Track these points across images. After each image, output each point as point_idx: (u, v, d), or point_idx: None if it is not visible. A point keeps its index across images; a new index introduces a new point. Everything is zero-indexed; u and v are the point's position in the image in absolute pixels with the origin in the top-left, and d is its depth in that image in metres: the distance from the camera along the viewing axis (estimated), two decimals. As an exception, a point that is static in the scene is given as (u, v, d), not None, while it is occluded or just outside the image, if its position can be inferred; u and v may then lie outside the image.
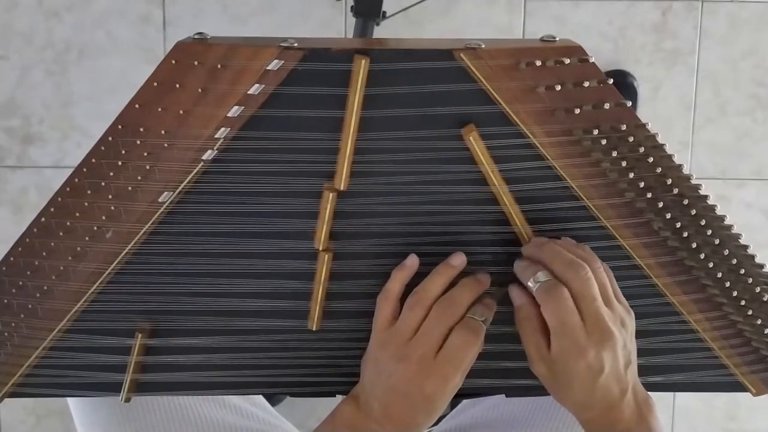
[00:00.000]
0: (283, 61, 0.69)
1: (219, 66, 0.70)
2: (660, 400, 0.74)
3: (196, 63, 0.70)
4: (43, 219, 0.75)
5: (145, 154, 0.72)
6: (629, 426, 0.71)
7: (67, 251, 0.75)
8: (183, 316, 0.77)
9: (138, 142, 0.72)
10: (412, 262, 0.74)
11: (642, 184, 0.73)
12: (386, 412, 0.72)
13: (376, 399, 0.73)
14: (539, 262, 0.72)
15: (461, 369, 0.71)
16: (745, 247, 0.76)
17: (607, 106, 0.71)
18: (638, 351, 0.78)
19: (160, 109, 0.71)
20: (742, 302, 0.77)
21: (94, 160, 0.73)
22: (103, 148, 0.73)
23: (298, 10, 1.56)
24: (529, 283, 0.71)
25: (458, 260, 0.74)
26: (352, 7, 1.33)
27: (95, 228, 0.74)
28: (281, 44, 0.69)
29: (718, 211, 0.75)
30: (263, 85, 0.70)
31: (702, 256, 0.75)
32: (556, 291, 0.69)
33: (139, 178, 0.73)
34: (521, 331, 0.72)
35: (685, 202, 0.73)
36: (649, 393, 0.74)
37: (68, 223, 0.75)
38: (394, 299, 0.73)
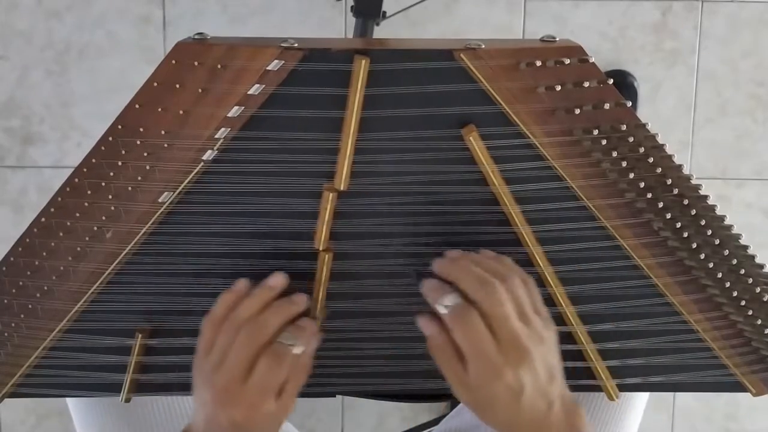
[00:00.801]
0: (283, 62, 0.69)
1: (219, 66, 0.70)
2: (660, 400, 0.74)
3: (196, 63, 0.70)
4: (43, 219, 0.75)
5: (145, 154, 0.72)
6: None
7: (67, 251, 0.75)
8: (183, 317, 0.77)
9: (138, 142, 0.72)
10: (240, 286, 0.71)
11: (642, 185, 0.73)
12: None
13: (201, 430, 0.71)
14: (448, 282, 0.69)
15: (268, 396, 0.68)
16: (745, 247, 0.76)
17: (607, 106, 0.71)
18: (638, 351, 0.79)
19: (160, 110, 0.71)
20: (742, 302, 0.77)
21: (94, 160, 0.73)
22: (103, 148, 0.73)
23: (298, 10, 1.56)
24: (437, 307, 0.68)
25: (275, 281, 0.72)
26: (352, 7, 1.33)
27: (95, 228, 0.74)
28: (281, 44, 0.69)
29: (718, 211, 0.75)
30: (263, 86, 0.70)
31: (702, 256, 0.75)
32: (466, 315, 0.66)
33: (139, 178, 0.73)
34: (436, 360, 0.69)
35: (685, 202, 0.73)
36: (576, 400, 0.72)
37: (68, 224, 0.75)
38: (216, 323, 0.70)
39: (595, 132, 0.72)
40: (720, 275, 0.76)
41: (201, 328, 0.71)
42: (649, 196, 0.74)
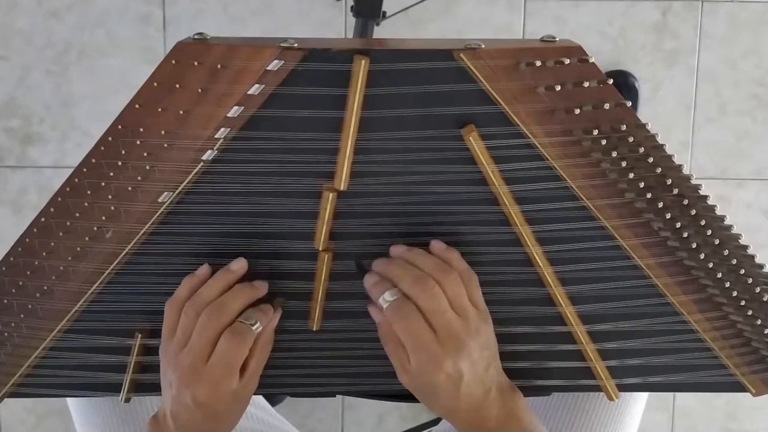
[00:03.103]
0: (283, 62, 0.69)
1: (219, 66, 0.70)
2: (660, 400, 0.74)
3: (196, 63, 0.70)
4: (43, 219, 0.75)
5: (145, 154, 0.72)
6: (499, 422, 0.73)
7: (67, 251, 0.75)
8: (183, 316, 0.77)
9: (138, 142, 0.72)
10: (203, 271, 0.74)
11: (642, 185, 0.73)
12: (178, 425, 0.73)
13: (168, 413, 0.73)
14: (388, 280, 0.72)
15: (231, 373, 0.70)
16: (745, 247, 0.76)
17: (606, 106, 0.71)
18: (638, 351, 0.79)
19: (160, 110, 0.71)
20: (742, 302, 0.77)
21: (94, 160, 0.73)
22: (103, 148, 0.73)
23: (298, 10, 1.56)
24: (380, 302, 0.72)
25: (237, 265, 0.74)
26: (352, 7, 1.33)
27: (95, 228, 0.74)
28: (281, 44, 0.69)
29: (718, 211, 0.75)
30: (263, 86, 0.70)
31: (702, 256, 0.75)
32: (404, 309, 0.70)
33: (139, 178, 0.73)
34: (384, 347, 0.73)
35: (685, 202, 0.73)
36: (514, 384, 0.75)
37: (68, 223, 0.75)
38: (179, 306, 0.72)
39: (595, 132, 0.72)
40: (720, 275, 0.76)
41: (165, 312, 0.73)
42: (649, 196, 0.73)
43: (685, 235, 0.75)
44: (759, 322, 0.78)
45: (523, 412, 0.75)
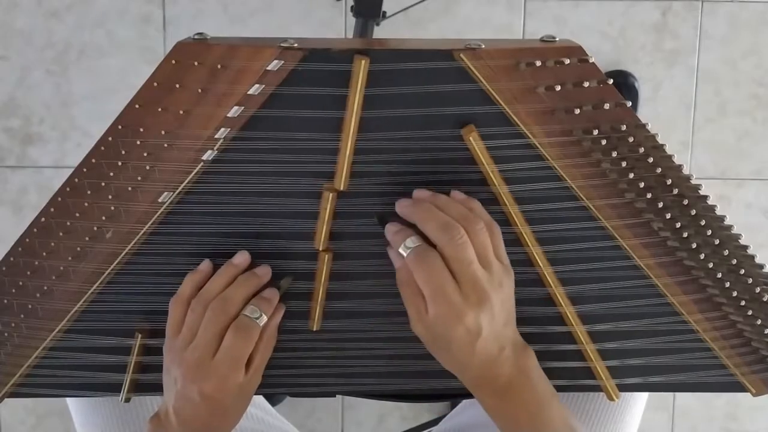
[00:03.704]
0: (283, 62, 0.69)
1: (219, 66, 0.70)
2: (660, 400, 0.74)
3: (196, 63, 0.70)
4: (43, 219, 0.75)
5: (145, 154, 0.72)
6: (510, 379, 0.71)
7: (67, 251, 0.75)
8: (183, 316, 0.77)
9: (138, 142, 0.72)
10: (205, 267, 0.74)
11: (642, 185, 0.73)
12: (181, 420, 0.72)
13: (171, 409, 0.73)
14: (411, 224, 0.70)
15: (237, 368, 0.71)
16: (745, 247, 0.76)
17: (606, 106, 0.71)
18: (638, 351, 0.79)
19: (160, 110, 0.71)
20: (742, 302, 0.77)
21: (94, 160, 0.73)
22: (103, 148, 0.73)
23: (298, 10, 1.56)
24: (401, 251, 0.69)
25: (240, 259, 0.74)
26: (352, 7, 1.33)
27: (95, 228, 0.74)
28: (281, 44, 0.69)
29: (718, 211, 0.75)
30: (263, 86, 0.70)
31: (702, 256, 0.75)
32: (427, 257, 0.68)
33: (139, 178, 0.73)
34: (402, 294, 0.71)
35: (685, 202, 0.73)
36: (527, 343, 0.73)
37: (68, 224, 0.75)
38: (184, 303, 0.73)
39: (595, 132, 0.72)
40: (720, 275, 0.76)
41: (169, 309, 0.73)
42: (649, 196, 0.74)
43: (685, 235, 0.75)
44: (759, 322, 0.78)
45: (533, 371, 0.73)
